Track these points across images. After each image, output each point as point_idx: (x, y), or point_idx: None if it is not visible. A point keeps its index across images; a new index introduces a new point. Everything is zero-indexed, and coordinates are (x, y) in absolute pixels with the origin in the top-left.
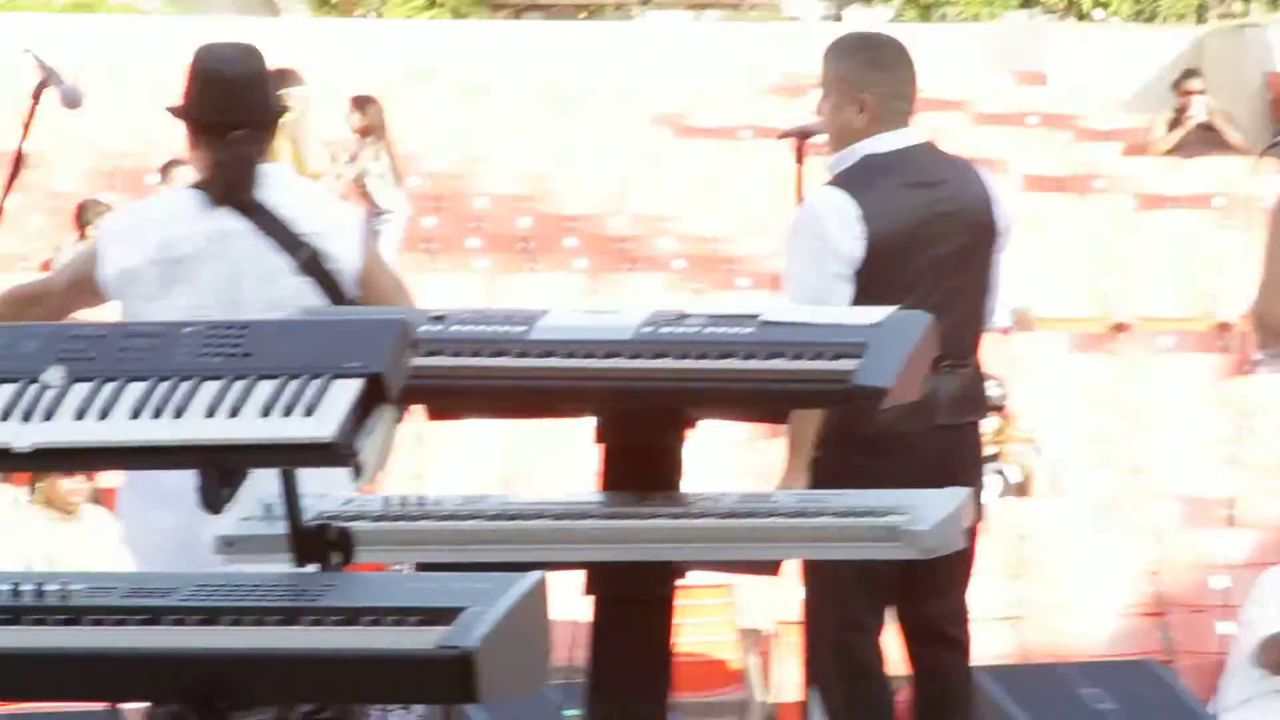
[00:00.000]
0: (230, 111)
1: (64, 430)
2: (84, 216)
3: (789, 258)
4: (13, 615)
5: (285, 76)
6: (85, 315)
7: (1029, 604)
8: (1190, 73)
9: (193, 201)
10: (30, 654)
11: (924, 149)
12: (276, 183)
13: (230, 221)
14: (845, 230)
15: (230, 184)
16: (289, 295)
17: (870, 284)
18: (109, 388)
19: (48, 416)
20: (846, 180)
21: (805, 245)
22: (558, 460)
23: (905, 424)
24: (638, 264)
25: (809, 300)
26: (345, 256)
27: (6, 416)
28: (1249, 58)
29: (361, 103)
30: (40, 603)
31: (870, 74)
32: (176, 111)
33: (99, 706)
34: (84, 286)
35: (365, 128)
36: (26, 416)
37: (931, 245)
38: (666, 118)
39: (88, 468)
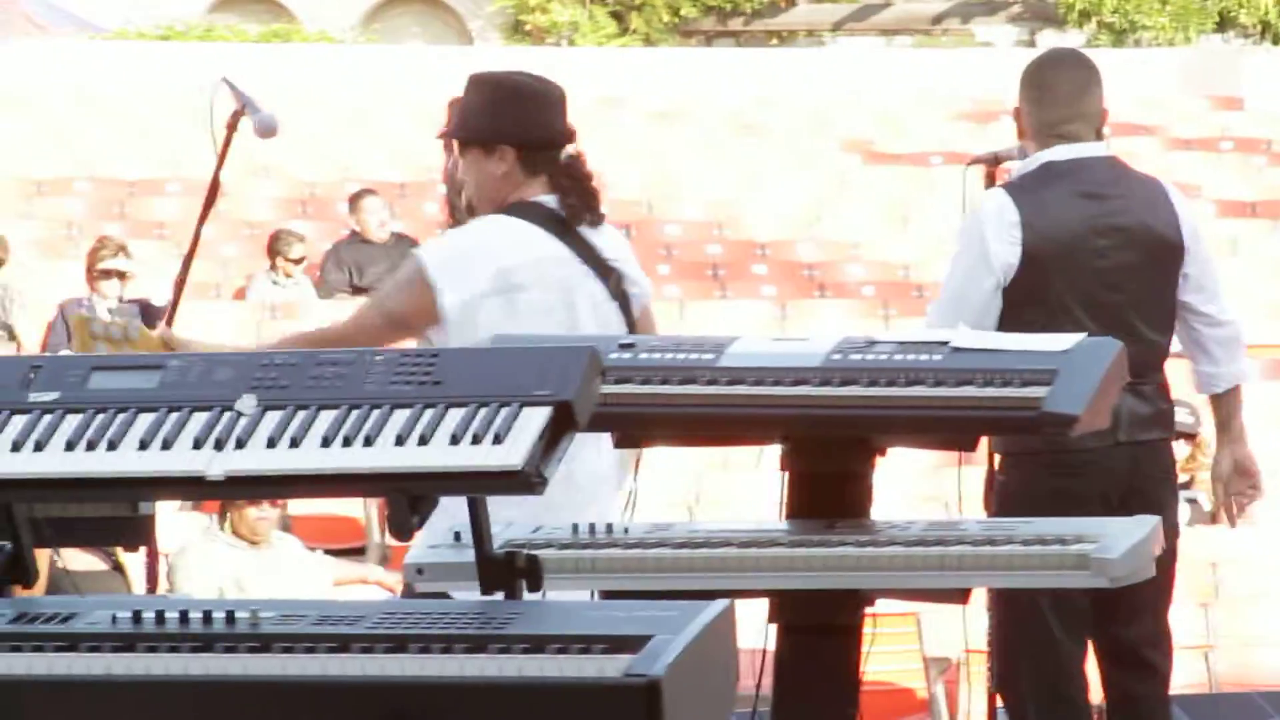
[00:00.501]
0: (562, 133)
1: (256, 458)
2: (276, 246)
3: (954, 256)
4: (205, 643)
5: None
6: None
7: (1220, 633)
8: None
9: (520, 227)
10: (221, 681)
11: (1104, 161)
12: None
13: (556, 248)
14: (1002, 234)
15: (584, 205)
16: (612, 321)
17: (1028, 287)
18: (301, 415)
19: (240, 445)
20: (1018, 184)
21: (964, 244)
22: (742, 486)
23: (1086, 442)
24: (827, 291)
25: (953, 297)
26: (641, 281)
27: (200, 445)
28: None
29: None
30: (231, 630)
31: (1034, 93)
32: (492, 132)
33: None
34: (408, 321)
35: None
36: (219, 445)
37: (1098, 257)
38: (856, 144)
39: (280, 495)
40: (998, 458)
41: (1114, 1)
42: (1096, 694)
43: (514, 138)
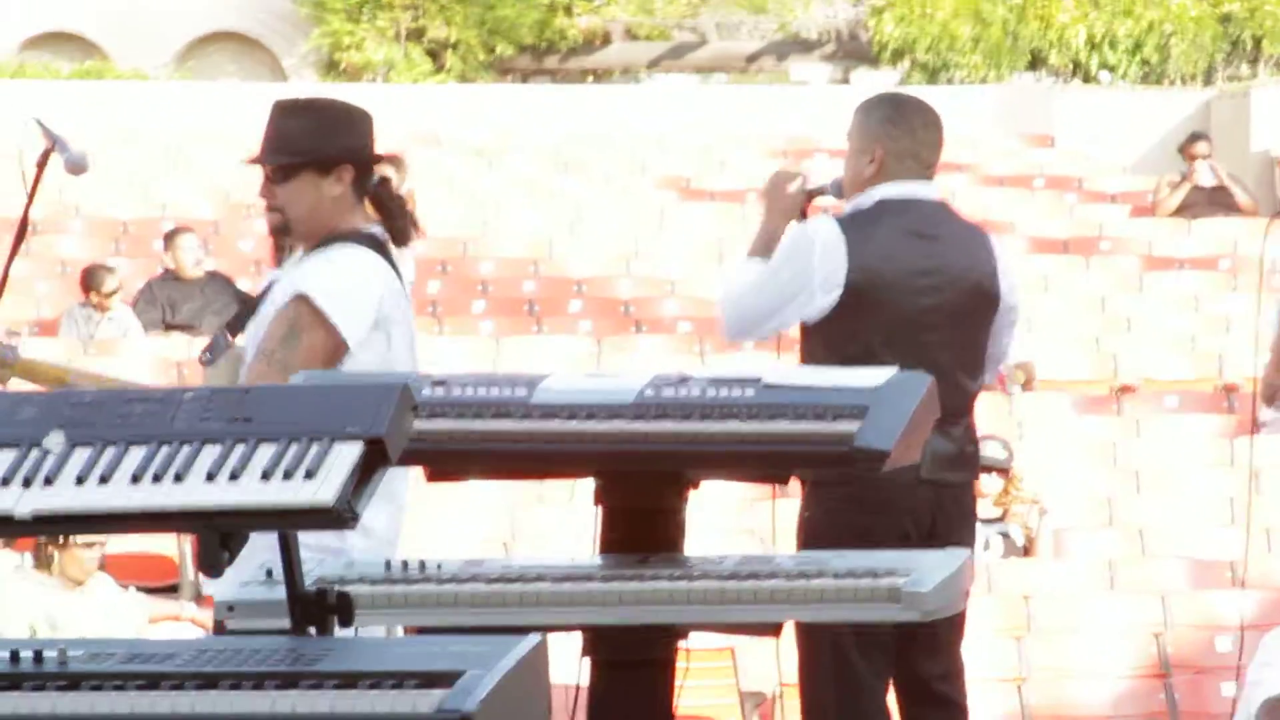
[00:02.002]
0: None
1: (65, 496)
2: (90, 280)
3: (762, 269)
4: (11, 681)
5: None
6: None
7: (1033, 666)
8: (1196, 136)
9: (374, 259)
10: None
11: (935, 205)
12: None
13: (395, 279)
14: (826, 259)
15: (407, 227)
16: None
17: (845, 319)
18: (110, 452)
19: (48, 482)
20: (850, 217)
21: (784, 263)
22: (557, 522)
23: (890, 479)
24: (643, 327)
25: (748, 304)
26: None
27: (7, 482)
28: (1256, 121)
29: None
30: (39, 669)
31: (886, 129)
32: (334, 150)
33: None
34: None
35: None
36: (27, 483)
37: (919, 296)
38: (673, 181)
39: (89, 532)
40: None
41: (927, 40)
42: None
43: (355, 156)
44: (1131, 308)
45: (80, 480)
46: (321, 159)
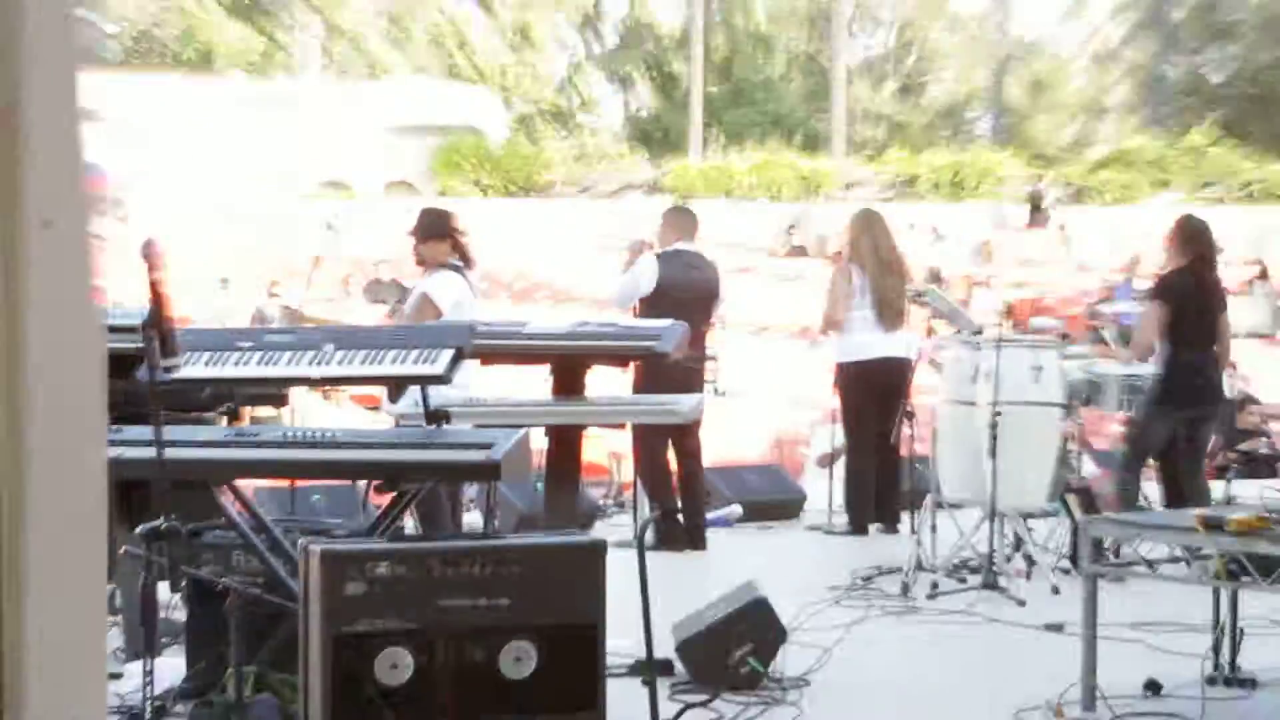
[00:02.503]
0: None
1: (329, 369)
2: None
3: (629, 277)
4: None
5: None
6: None
7: None
8: None
9: (457, 273)
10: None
11: (695, 252)
12: None
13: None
14: (647, 273)
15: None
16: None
17: (658, 300)
18: (339, 353)
19: (324, 364)
20: (659, 255)
21: (632, 274)
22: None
23: (673, 364)
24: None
25: (624, 292)
26: None
27: (311, 364)
28: None
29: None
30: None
31: (672, 223)
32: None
33: None
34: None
35: None
36: (314, 363)
37: (686, 291)
38: None
39: (337, 384)
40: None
41: None
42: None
43: (446, 232)
44: None
45: (332, 363)
46: (433, 233)
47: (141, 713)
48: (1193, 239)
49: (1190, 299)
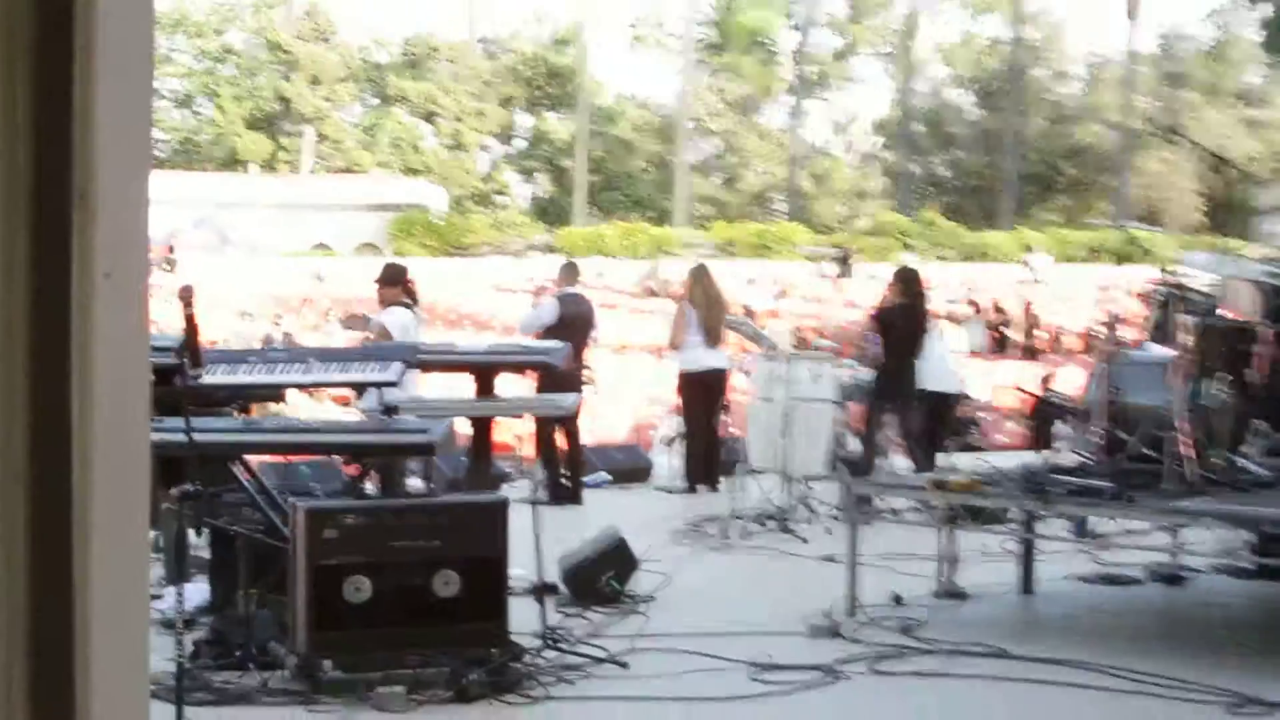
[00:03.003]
0: None
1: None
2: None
3: (535, 312)
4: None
5: None
6: None
7: None
8: None
9: (407, 309)
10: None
11: (578, 293)
12: None
13: None
14: (551, 310)
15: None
16: None
17: (555, 328)
18: (298, 365)
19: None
20: (559, 295)
21: (540, 309)
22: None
23: (563, 373)
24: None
25: (528, 323)
26: None
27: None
28: None
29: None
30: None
31: (564, 274)
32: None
33: None
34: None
35: None
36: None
37: (575, 320)
38: None
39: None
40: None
41: None
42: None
43: (399, 279)
44: None
45: (315, 372)
46: (389, 280)
47: (175, 622)
48: (905, 282)
49: (900, 324)
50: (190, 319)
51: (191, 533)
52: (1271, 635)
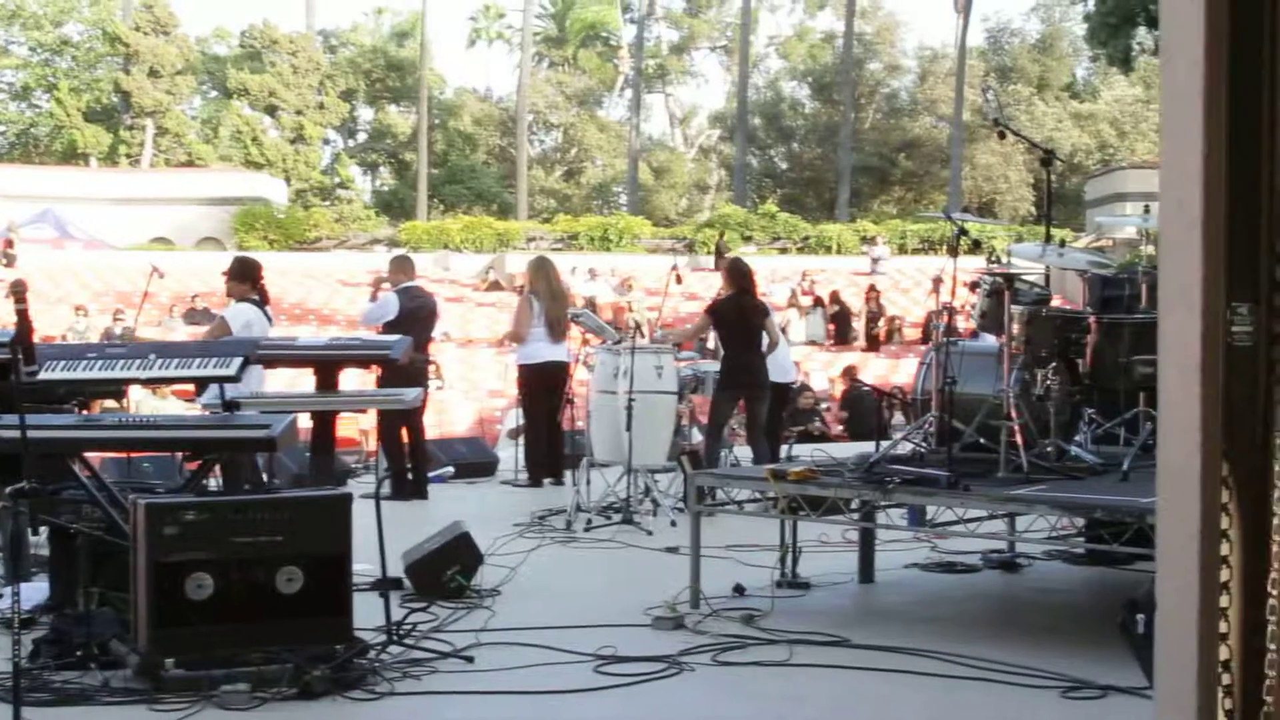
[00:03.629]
0: None
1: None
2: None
3: (376, 306)
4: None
5: None
6: None
7: None
8: None
9: (254, 305)
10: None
11: (417, 286)
12: None
13: None
14: (392, 305)
15: (265, 297)
16: None
17: (397, 322)
18: (138, 361)
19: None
20: (399, 290)
21: (380, 303)
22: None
23: (407, 367)
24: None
25: (369, 316)
26: None
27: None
28: None
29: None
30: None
31: (398, 268)
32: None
33: None
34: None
35: None
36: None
37: (417, 314)
38: None
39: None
40: None
41: None
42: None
43: (252, 275)
44: None
45: (155, 368)
46: (238, 276)
47: (13, 621)
48: (736, 274)
49: (733, 314)
50: (23, 314)
51: (30, 531)
52: (1102, 620)
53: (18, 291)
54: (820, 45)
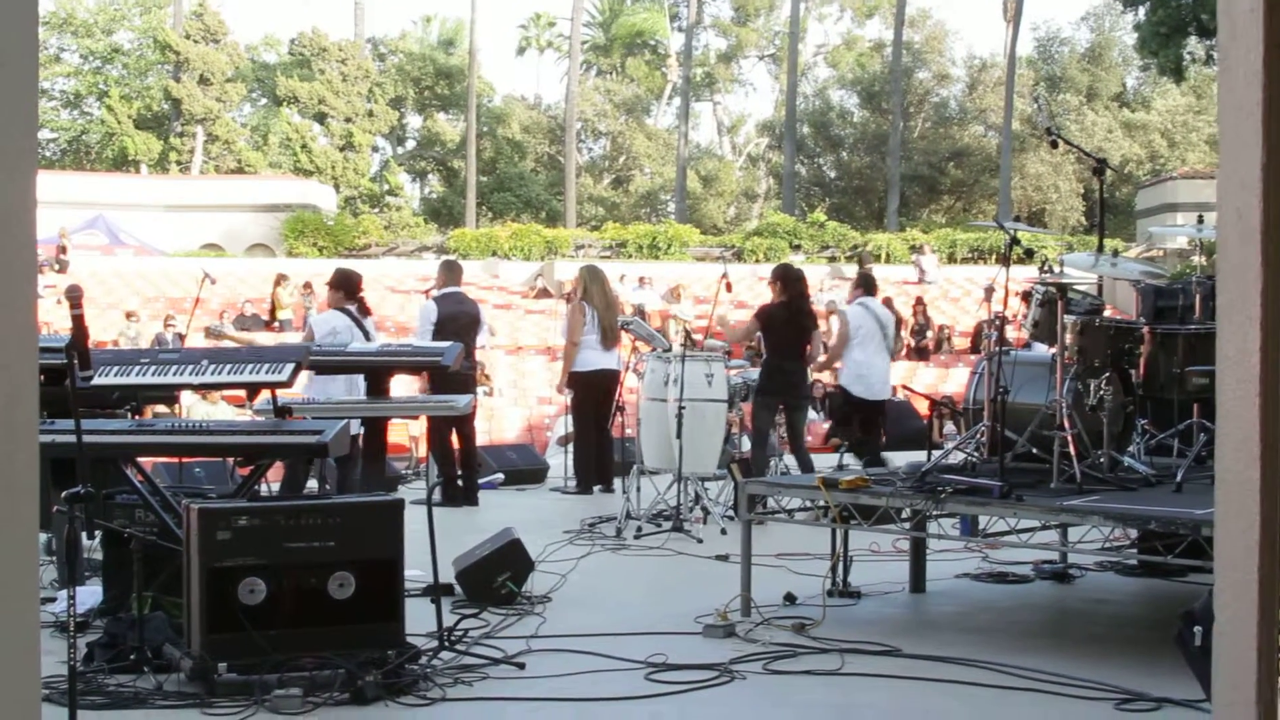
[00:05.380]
0: None
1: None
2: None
3: (421, 319)
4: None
5: None
6: None
7: None
8: None
9: (345, 315)
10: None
11: (461, 292)
12: None
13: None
14: (428, 313)
15: (365, 307)
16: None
17: (441, 328)
18: (213, 366)
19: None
20: (438, 296)
21: (425, 311)
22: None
23: (455, 372)
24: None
25: (421, 331)
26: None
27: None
28: None
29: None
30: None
31: (444, 273)
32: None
33: None
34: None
35: None
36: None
37: (460, 319)
38: None
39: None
40: None
41: None
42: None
43: (347, 286)
44: None
45: (207, 374)
46: (334, 285)
47: (68, 625)
48: (787, 281)
49: (780, 321)
50: (79, 319)
51: (84, 535)
52: (1156, 631)
53: (73, 297)
54: (869, 54)
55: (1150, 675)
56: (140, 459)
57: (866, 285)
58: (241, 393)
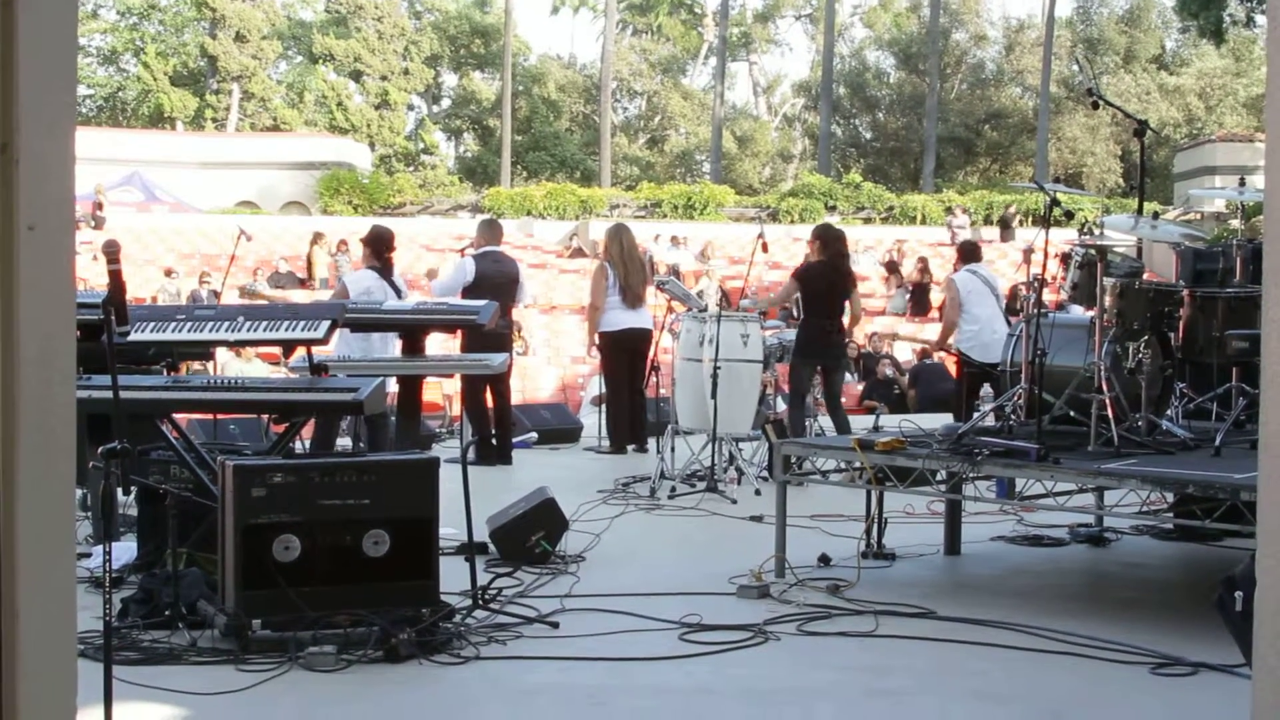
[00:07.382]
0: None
1: (220, 335)
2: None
3: (444, 273)
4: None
5: None
6: None
7: None
8: None
9: (375, 273)
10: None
11: (499, 251)
12: None
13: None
14: (466, 269)
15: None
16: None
17: (477, 287)
18: (249, 321)
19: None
20: (476, 255)
21: (454, 268)
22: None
23: (490, 330)
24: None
25: (447, 285)
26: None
27: (209, 329)
28: None
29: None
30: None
31: (484, 232)
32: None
33: None
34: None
35: None
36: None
37: (497, 278)
38: None
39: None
40: None
41: None
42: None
43: (377, 244)
44: None
45: (243, 330)
46: (367, 244)
47: (103, 581)
48: (827, 240)
49: (820, 281)
50: (116, 274)
51: (119, 491)
52: (1192, 596)
53: (110, 252)
54: (905, 14)
55: (1187, 639)
56: (176, 415)
57: (970, 252)
58: (276, 350)
